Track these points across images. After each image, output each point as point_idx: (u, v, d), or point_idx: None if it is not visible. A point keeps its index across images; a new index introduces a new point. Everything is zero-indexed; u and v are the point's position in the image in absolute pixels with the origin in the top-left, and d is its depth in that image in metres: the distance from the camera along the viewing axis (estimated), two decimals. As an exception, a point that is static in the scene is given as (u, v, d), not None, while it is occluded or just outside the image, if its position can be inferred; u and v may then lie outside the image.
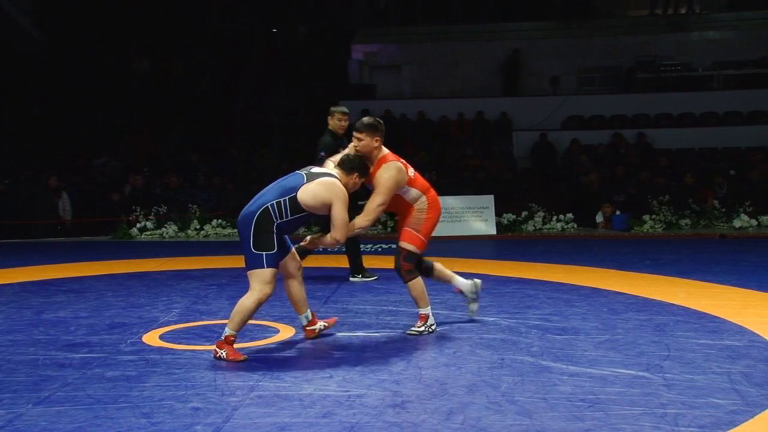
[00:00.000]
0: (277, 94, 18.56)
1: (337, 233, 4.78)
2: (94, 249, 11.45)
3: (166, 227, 13.28)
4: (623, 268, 8.04)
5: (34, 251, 11.19)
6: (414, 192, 5.31)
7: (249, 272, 4.68)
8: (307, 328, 5.14)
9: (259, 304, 4.67)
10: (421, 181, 5.44)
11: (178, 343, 5.01)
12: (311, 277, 8.03)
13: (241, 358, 4.60)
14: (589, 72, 20.07)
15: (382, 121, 5.29)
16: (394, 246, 11.54)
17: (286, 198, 4.67)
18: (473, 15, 20.29)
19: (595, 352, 4.67)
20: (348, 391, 3.92)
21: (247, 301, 4.63)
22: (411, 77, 21.03)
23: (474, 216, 12.91)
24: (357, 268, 7.75)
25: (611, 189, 13.40)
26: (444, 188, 13.99)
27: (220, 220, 13.33)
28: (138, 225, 13.29)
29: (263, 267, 4.62)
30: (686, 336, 5.08)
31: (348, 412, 3.60)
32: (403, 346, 4.86)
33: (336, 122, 7.41)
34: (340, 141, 7.23)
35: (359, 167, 5.02)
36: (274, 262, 4.68)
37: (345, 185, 4.88)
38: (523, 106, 18.27)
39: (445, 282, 5.65)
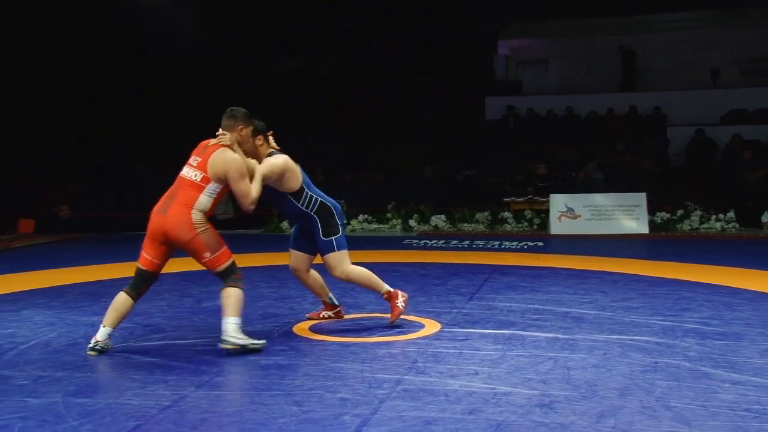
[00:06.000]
0: (421, 91, 18.64)
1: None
2: (248, 241, 11.97)
3: (314, 222, 13.71)
4: (792, 272, 7.48)
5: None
6: None
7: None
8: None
9: None
10: None
11: (327, 335, 5.14)
12: (456, 273, 8.01)
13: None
14: (753, 63, 18.82)
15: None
16: (541, 243, 11.36)
17: None
18: (623, 7, 19.54)
19: (761, 360, 4.36)
20: (494, 388, 3.87)
21: None
22: (558, 72, 20.56)
23: (625, 214, 12.45)
24: None
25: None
26: (593, 185, 13.62)
27: (366, 215, 13.61)
28: (288, 219, 13.81)
29: None
30: None
31: (494, 409, 3.55)
32: (549, 345, 4.74)
33: None
34: None
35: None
36: None
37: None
38: (678, 101, 17.43)
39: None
